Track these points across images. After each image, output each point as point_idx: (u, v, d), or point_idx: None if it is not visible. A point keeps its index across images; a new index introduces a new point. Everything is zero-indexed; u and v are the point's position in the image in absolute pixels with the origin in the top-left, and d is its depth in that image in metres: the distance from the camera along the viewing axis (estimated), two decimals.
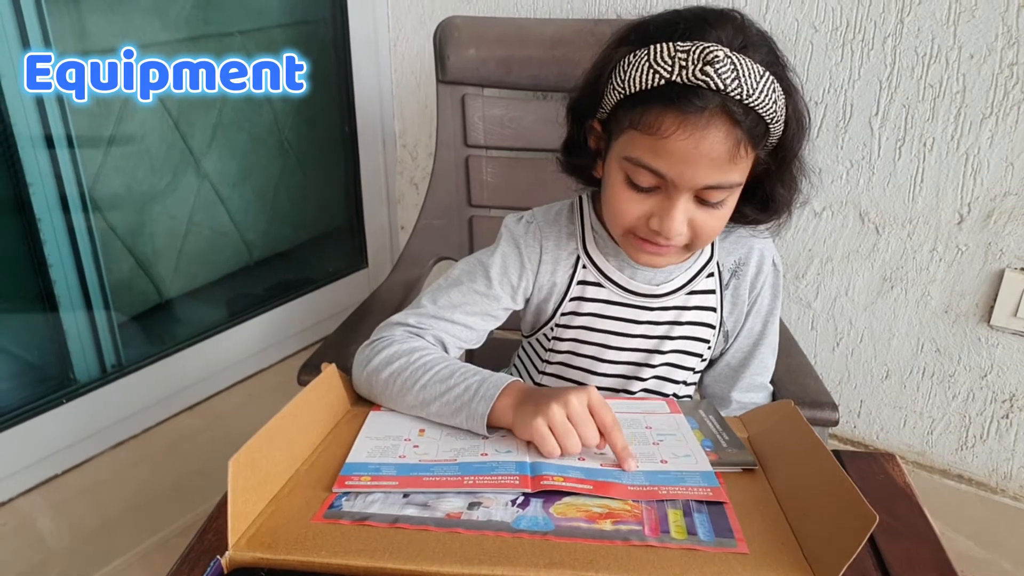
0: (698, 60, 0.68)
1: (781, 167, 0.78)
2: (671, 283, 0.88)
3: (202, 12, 1.49)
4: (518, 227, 0.90)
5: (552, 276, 0.89)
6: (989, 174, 1.23)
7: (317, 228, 1.90)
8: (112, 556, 1.37)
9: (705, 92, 0.68)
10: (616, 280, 0.88)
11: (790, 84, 0.74)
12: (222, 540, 0.53)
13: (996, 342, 1.31)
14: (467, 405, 0.71)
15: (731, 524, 0.57)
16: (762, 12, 1.33)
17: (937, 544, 0.62)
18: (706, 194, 0.74)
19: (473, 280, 0.87)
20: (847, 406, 1.49)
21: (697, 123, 0.69)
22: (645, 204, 0.76)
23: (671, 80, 0.69)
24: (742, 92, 0.68)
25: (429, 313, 0.85)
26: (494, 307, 0.88)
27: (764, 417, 0.75)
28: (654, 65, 0.70)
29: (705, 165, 0.71)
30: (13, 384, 1.35)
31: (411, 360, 0.77)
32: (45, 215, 1.30)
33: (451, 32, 1.34)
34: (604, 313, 0.89)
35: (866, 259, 1.38)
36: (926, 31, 1.21)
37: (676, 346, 0.90)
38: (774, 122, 0.72)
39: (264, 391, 1.68)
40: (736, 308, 0.91)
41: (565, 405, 0.66)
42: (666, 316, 0.89)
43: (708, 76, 0.67)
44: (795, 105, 0.74)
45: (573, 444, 0.65)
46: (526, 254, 0.88)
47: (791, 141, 0.76)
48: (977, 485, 1.40)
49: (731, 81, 0.68)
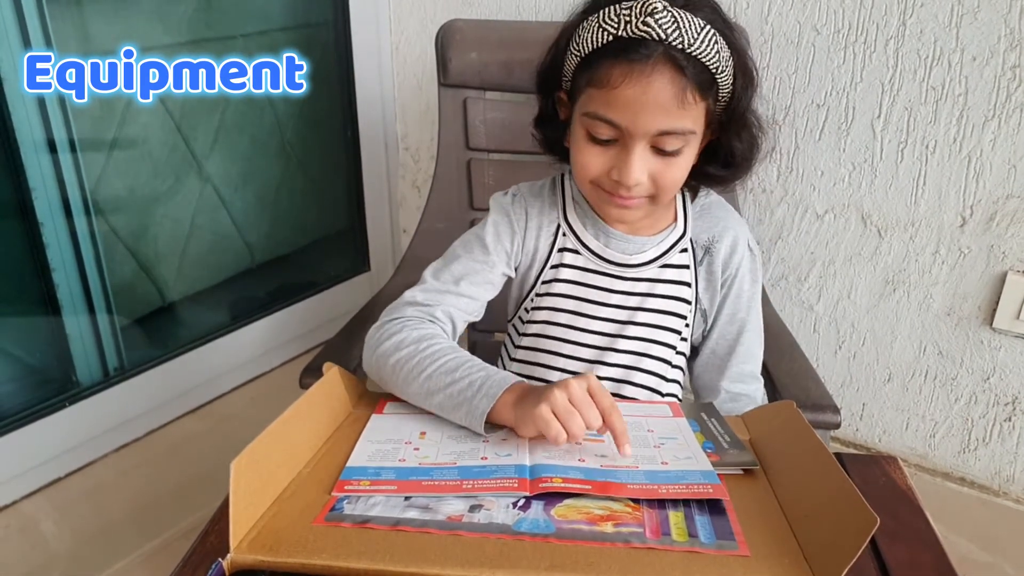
0: (640, 13, 0.74)
1: (735, 121, 0.83)
2: (644, 254, 0.92)
3: (204, 15, 1.49)
4: (505, 198, 0.96)
5: (536, 242, 0.94)
6: (992, 176, 1.23)
7: (319, 231, 1.90)
8: (115, 559, 1.37)
9: (648, 42, 0.74)
10: (592, 248, 0.92)
11: (734, 41, 0.79)
12: (224, 542, 0.53)
13: (999, 345, 1.31)
14: (468, 401, 0.72)
15: (732, 526, 0.57)
16: (764, 14, 1.33)
17: (939, 547, 0.62)
18: (661, 141, 0.78)
19: (471, 251, 0.92)
20: (849, 409, 1.49)
21: (643, 71, 0.75)
22: (605, 156, 0.81)
23: (617, 35, 0.75)
24: (683, 40, 0.74)
25: (435, 288, 0.89)
26: (493, 274, 0.92)
27: (766, 419, 0.75)
28: (602, 24, 0.76)
29: (654, 110, 0.76)
30: (16, 387, 1.35)
31: (419, 348, 0.79)
32: (48, 219, 1.30)
33: (453, 35, 1.34)
34: (580, 280, 0.93)
35: (868, 262, 1.38)
36: (928, 33, 1.21)
37: (650, 319, 0.92)
38: (719, 72, 0.77)
39: (267, 394, 1.68)
40: (710, 286, 0.94)
41: (566, 389, 0.68)
42: (639, 287, 0.92)
43: (649, 27, 0.73)
44: (741, 60, 0.80)
45: (577, 426, 0.67)
46: (515, 219, 0.93)
47: (740, 94, 0.81)
48: (979, 488, 1.40)
49: (672, 30, 0.73)
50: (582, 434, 0.67)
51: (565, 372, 0.93)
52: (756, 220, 1.45)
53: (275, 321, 1.72)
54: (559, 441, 0.67)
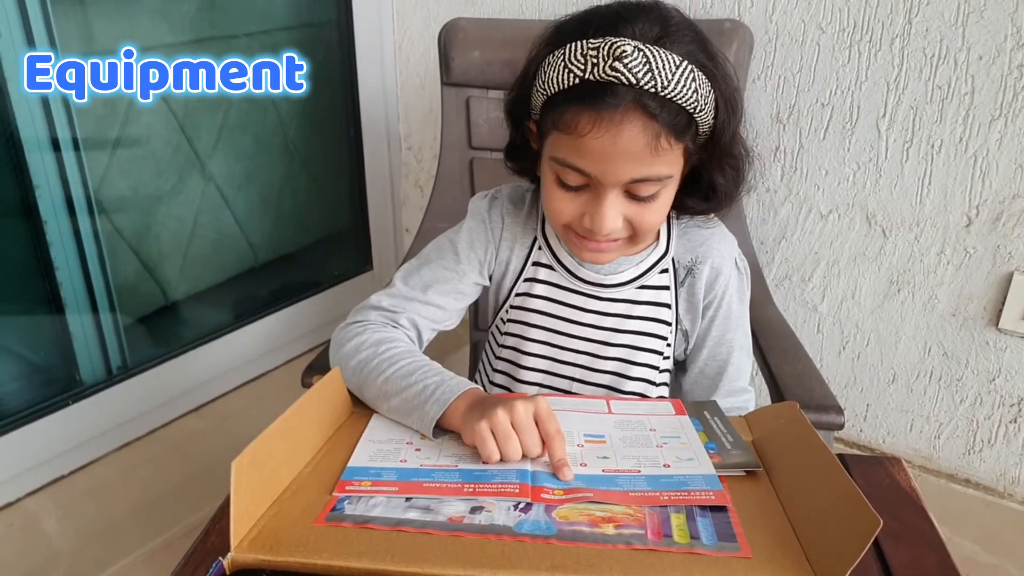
0: (608, 56, 0.68)
1: (717, 155, 0.78)
2: (620, 275, 0.88)
3: (208, 15, 1.49)
4: (483, 203, 0.92)
5: (510, 252, 0.90)
6: (998, 176, 1.23)
7: (322, 230, 1.90)
8: (118, 557, 1.37)
9: (618, 88, 0.68)
10: (566, 265, 0.89)
11: (716, 72, 0.73)
12: (225, 542, 0.53)
13: (1004, 346, 1.30)
14: (420, 406, 0.71)
15: (734, 528, 0.57)
16: (768, 13, 1.32)
17: (942, 549, 0.62)
18: (635, 188, 0.75)
19: (442, 257, 0.89)
20: (853, 410, 1.49)
21: (612, 119, 0.69)
22: (577, 202, 0.77)
23: (584, 78, 0.69)
24: (656, 84, 0.68)
25: (402, 294, 0.87)
26: (464, 283, 0.89)
27: (768, 420, 0.74)
28: (568, 64, 0.70)
29: (625, 160, 0.71)
30: (20, 386, 1.35)
31: (378, 351, 0.78)
32: (51, 218, 1.31)
33: (455, 34, 1.34)
34: (553, 297, 0.90)
35: (873, 262, 1.37)
36: (934, 32, 1.21)
37: (628, 341, 0.89)
38: (698, 111, 0.72)
39: (270, 393, 1.68)
40: (692, 307, 0.90)
41: (511, 411, 0.65)
42: (616, 308, 0.89)
43: (618, 71, 0.68)
44: (723, 93, 0.74)
45: (513, 450, 0.65)
46: (490, 227, 0.90)
47: (722, 128, 0.75)
48: (984, 490, 1.40)
49: (643, 75, 0.68)
50: (517, 458, 0.65)
51: (544, 388, 0.92)
52: (760, 220, 1.44)
53: (277, 320, 1.73)
54: (491, 460, 0.64)
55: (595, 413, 0.76)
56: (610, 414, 0.75)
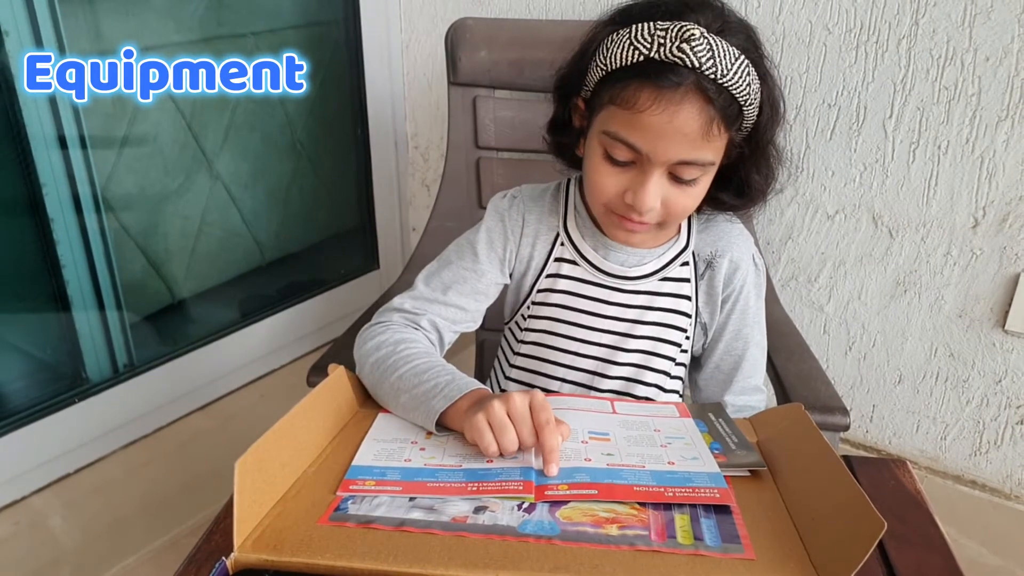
0: (676, 38, 0.70)
1: (756, 153, 0.81)
2: (643, 267, 0.90)
3: (215, 13, 1.50)
4: (503, 202, 0.93)
5: (532, 249, 0.91)
6: (1004, 177, 1.22)
7: (329, 229, 1.90)
8: (123, 555, 1.38)
9: (681, 69, 0.71)
10: (590, 259, 0.90)
11: (766, 71, 0.76)
12: (229, 541, 0.53)
13: (1011, 347, 1.30)
14: (427, 402, 0.72)
15: (738, 529, 0.57)
16: (775, 13, 1.32)
17: (947, 552, 0.61)
18: (679, 170, 0.77)
19: (462, 258, 0.91)
20: (859, 411, 1.48)
21: (672, 98, 0.72)
22: (622, 178, 0.79)
23: (649, 56, 0.72)
24: (716, 71, 0.71)
25: (423, 296, 0.89)
26: (484, 283, 0.90)
27: (774, 421, 0.74)
28: (634, 42, 0.73)
29: (678, 140, 0.74)
30: (26, 383, 1.36)
31: (396, 350, 0.80)
32: (58, 215, 1.31)
33: (463, 34, 1.34)
34: (577, 291, 0.91)
35: (879, 263, 1.37)
36: (941, 33, 1.20)
37: (649, 332, 0.91)
38: (747, 105, 0.75)
39: (276, 392, 1.69)
40: (711, 300, 0.92)
41: (507, 402, 0.67)
42: (638, 300, 0.90)
43: (684, 53, 0.70)
44: (770, 92, 0.77)
45: (509, 440, 0.65)
46: (509, 226, 0.91)
47: (765, 126, 0.79)
48: (990, 491, 1.39)
49: (706, 60, 0.70)
50: (513, 449, 0.65)
51: (565, 383, 0.92)
52: (767, 220, 1.44)
53: (284, 319, 1.73)
54: (489, 453, 0.65)
55: (600, 412, 0.76)
56: (614, 414, 0.76)
